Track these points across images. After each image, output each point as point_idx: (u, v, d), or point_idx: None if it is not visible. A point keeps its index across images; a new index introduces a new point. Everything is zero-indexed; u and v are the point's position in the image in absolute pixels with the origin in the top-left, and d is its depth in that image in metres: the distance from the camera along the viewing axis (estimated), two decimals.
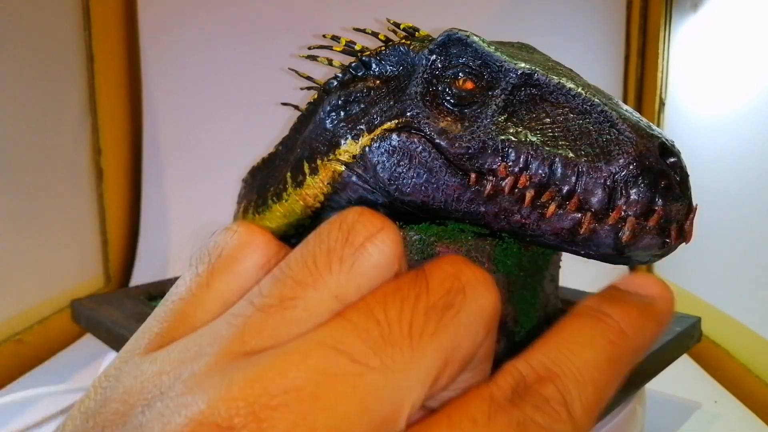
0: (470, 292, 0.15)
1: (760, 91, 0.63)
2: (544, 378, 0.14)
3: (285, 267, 0.15)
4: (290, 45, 0.82)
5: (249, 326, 0.14)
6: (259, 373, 0.12)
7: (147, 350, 0.15)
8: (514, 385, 0.14)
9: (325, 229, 0.15)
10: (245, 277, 0.16)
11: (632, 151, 0.31)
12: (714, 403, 0.58)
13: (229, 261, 0.16)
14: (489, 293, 0.15)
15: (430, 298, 0.14)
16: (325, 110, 0.44)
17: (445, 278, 0.15)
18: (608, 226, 0.32)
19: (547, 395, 0.14)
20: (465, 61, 0.37)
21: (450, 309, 0.14)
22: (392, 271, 0.15)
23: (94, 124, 0.86)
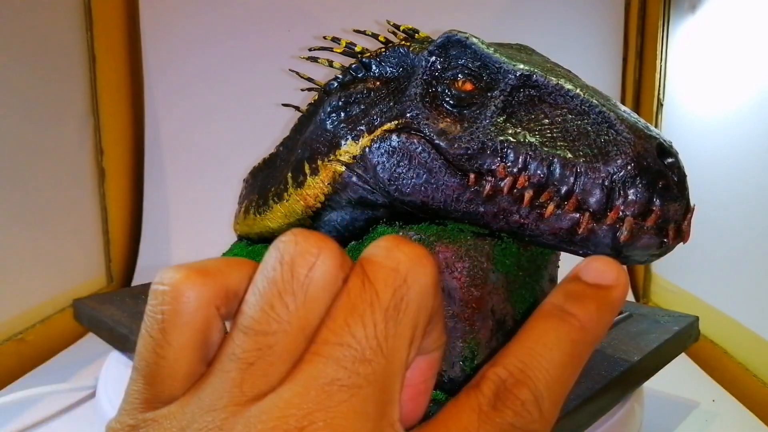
0: (412, 280, 0.16)
1: (758, 91, 0.64)
2: (520, 382, 0.16)
3: (248, 318, 0.16)
4: (291, 46, 0.83)
5: (243, 379, 0.16)
6: (277, 418, 0.15)
7: (148, 409, 0.17)
8: (495, 391, 0.16)
9: (269, 267, 0.16)
10: (197, 323, 0.17)
11: (630, 151, 0.32)
12: (712, 402, 0.58)
13: (174, 317, 0.17)
14: (426, 268, 0.17)
15: (382, 303, 0.16)
16: (325, 111, 0.44)
17: (387, 276, 0.16)
18: (606, 226, 0.32)
19: (523, 399, 0.16)
20: (464, 62, 0.37)
21: (401, 304, 0.16)
22: (339, 280, 0.17)
23: (96, 124, 0.87)
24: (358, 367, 0.15)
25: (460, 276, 0.38)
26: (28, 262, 0.73)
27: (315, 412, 0.15)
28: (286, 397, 0.15)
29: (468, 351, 0.39)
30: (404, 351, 0.16)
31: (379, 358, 0.16)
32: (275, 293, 0.16)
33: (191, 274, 0.17)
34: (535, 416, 0.16)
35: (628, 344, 0.45)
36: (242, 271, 0.18)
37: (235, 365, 0.16)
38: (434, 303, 0.17)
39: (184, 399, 0.16)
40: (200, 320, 0.17)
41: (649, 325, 0.50)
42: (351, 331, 0.16)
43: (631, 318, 0.51)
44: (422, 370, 0.19)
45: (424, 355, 0.19)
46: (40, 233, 0.75)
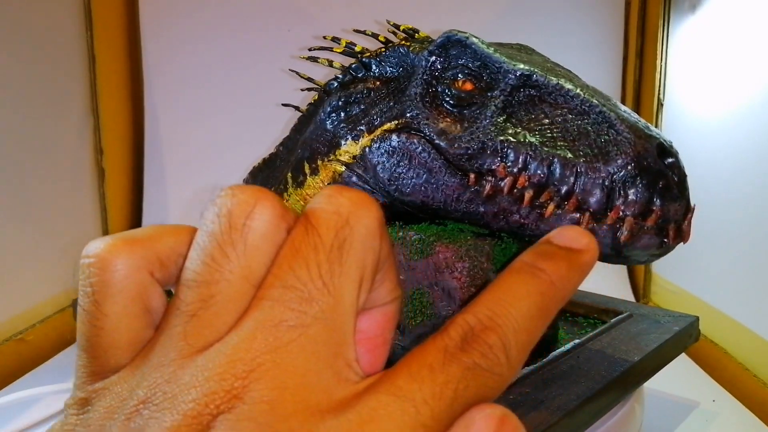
0: (354, 221, 0.17)
1: (758, 91, 0.64)
2: (488, 328, 0.16)
3: (190, 272, 0.16)
4: (291, 46, 0.83)
5: (189, 331, 0.16)
6: (224, 364, 0.15)
7: (96, 380, 0.17)
8: (463, 335, 0.16)
9: (208, 222, 0.17)
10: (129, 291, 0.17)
11: (630, 151, 0.32)
12: (712, 401, 0.58)
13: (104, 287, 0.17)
14: (369, 211, 0.17)
15: (325, 244, 0.16)
16: (325, 111, 0.44)
17: (330, 219, 0.16)
18: (606, 226, 0.32)
19: (490, 343, 0.16)
20: (464, 62, 0.37)
21: (344, 244, 0.16)
22: (282, 231, 0.17)
23: (96, 124, 0.87)
24: (304, 306, 0.15)
25: (460, 276, 0.38)
26: (28, 262, 0.73)
27: (263, 354, 0.15)
28: (232, 343, 0.15)
29: None
30: (352, 291, 0.16)
31: (325, 297, 0.16)
32: (215, 245, 0.16)
33: (116, 243, 0.17)
34: (501, 360, 0.16)
35: (628, 344, 0.45)
36: (178, 236, 0.18)
37: (180, 320, 0.16)
38: (381, 246, 0.17)
39: (133, 363, 0.16)
40: (132, 287, 0.17)
41: (649, 325, 0.50)
42: (295, 274, 0.16)
43: (631, 318, 0.51)
44: (379, 322, 0.19)
45: (380, 307, 0.19)
46: (40, 233, 0.75)
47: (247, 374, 0.14)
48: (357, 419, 0.14)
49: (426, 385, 0.15)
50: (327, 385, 0.15)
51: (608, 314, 0.53)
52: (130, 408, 0.15)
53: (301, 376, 0.15)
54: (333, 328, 0.16)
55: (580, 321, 0.54)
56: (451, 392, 0.15)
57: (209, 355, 0.15)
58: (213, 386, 0.14)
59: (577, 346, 0.45)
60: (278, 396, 0.14)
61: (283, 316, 0.15)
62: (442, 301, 0.38)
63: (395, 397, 0.15)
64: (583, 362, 0.42)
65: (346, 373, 0.16)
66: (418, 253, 0.39)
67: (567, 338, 0.48)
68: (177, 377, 0.15)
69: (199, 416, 0.14)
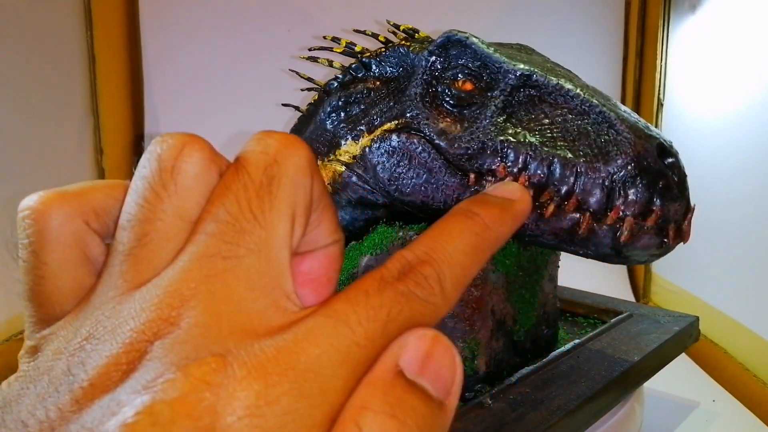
0: (282, 159, 0.17)
1: (758, 91, 0.64)
2: (424, 261, 0.17)
3: (125, 215, 0.17)
4: (291, 46, 0.83)
5: (126, 269, 0.16)
6: (160, 295, 0.15)
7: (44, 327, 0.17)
8: (400, 268, 0.17)
9: (140, 167, 0.17)
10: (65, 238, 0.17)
11: (630, 151, 0.32)
12: (712, 401, 0.58)
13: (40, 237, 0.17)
14: (296, 149, 0.18)
15: (255, 181, 0.17)
16: (325, 111, 0.44)
17: (258, 158, 0.17)
18: (606, 226, 0.32)
19: (425, 274, 0.17)
20: (464, 62, 0.37)
21: (273, 180, 0.17)
22: (213, 173, 0.17)
23: (96, 124, 0.87)
24: (237, 239, 0.16)
25: None
26: None
27: (198, 284, 0.15)
28: (168, 276, 0.15)
29: (468, 351, 0.39)
30: (285, 225, 0.17)
31: (257, 229, 0.16)
32: (147, 187, 0.17)
33: (49, 195, 0.18)
34: (436, 290, 0.17)
35: (628, 344, 0.45)
36: (112, 189, 0.18)
37: (117, 259, 0.17)
38: (313, 185, 0.18)
39: (78, 307, 0.17)
40: (68, 235, 0.17)
41: (649, 325, 0.50)
42: (226, 209, 0.16)
43: (631, 318, 0.51)
44: (322, 263, 0.19)
45: (322, 248, 0.19)
46: None
47: (183, 303, 0.15)
48: (292, 338, 0.15)
49: (360, 307, 0.15)
50: (263, 312, 0.16)
51: (608, 314, 0.53)
52: (75, 345, 0.15)
53: (236, 302, 0.15)
54: (267, 260, 0.16)
55: (580, 321, 0.54)
56: (385, 315, 0.16)
57: (146, 288, 0.16)
58: (149, 315, 0.15)
59: (577, 346, 0.45)
60: (213, 321, 0.15)
61: (216, 248, 0.16)
62: None
63: (330, 319, 0.15)
64: (583, 362, 0.42)
65: (284, 303, 0.16)
66: None
67: (567, 338, 0.48)
68: (116, 312, 0.15)
69: (137, 343, 0.14)
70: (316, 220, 0.19)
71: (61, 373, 0.15)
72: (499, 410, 0.36)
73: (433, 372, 0.16)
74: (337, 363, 0.15)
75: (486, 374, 0.40)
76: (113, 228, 0.18)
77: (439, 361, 0.16)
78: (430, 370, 0.16)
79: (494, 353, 0.41)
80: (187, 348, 0.14)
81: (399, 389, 0.15)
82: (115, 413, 0.13)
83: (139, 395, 0.13)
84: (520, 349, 0.43)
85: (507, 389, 0.38)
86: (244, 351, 0.14)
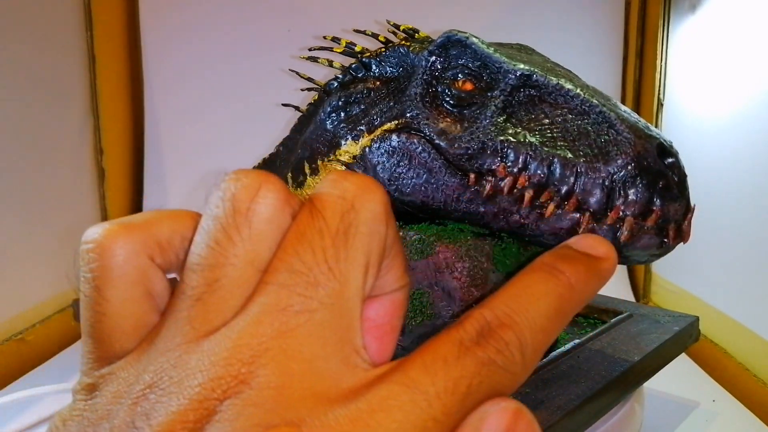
0: (359, 205, 0.16)
1: (758, 91, 0.64)
2: (505, 325, 0.16)
3: (195, 257, 0.16)
4: (291, 46, 0.83)
5: (195, 315, 0.16)
6: (230, 349, 0.15)
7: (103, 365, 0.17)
8: (479, 330, 0.16)
9: (212, 206, 0.16)
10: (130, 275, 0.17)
11: (630, 151, 0.32)
12: (712, 402, 0.58)
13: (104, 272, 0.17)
14: (374, 195, 0.17)
15: (330, 229, 0.16)
16: (325, 111, 0.44)
17: (335, 204, 0.16)
18: (606, 226, 0.32)
19: (507, 340, 0.16)
20: (464, 62, 0.37)
21: (350, 229, 0.16)
22: (287, 215, 0.16)
23: (96, 124, 0.87)
24: (310, 291, 0.15)
25: (460, 276, 0.38)
26: (28, 262, 0.73)
27: (269, 339, 0.15)
28: (238, 328, 0.15)
29: None
30: (359, 276, 0.16)
31: (331, 282, 0.15)
32: (219, 229, 0.16)
33: (115, 228, 0.17)
34: (517, 359, 0.16)
35: (628, 344, 0.45)
36: (178, 220, 0.18)
37: (185, 304, 0.16)
38: (387, 231, 0.17)
39: (140, 348, 0.16)
40: (133, 271, 0.17)
41: (649, 325, 0.50)
42: (300, 258, 0.15)
43: (631, 318, 0.51)
44: (387, 309, 0.19)
45: (388, 294, 0.19)
46: (40, 233, 0.75)
47: (254, 359, 0.14)
48: (367, 408, 0.14)
49: (440, 378, 0.15)
50: (335, 371, 0.15)
51: (608, 314, 0.53)
52: (137, 392, 0.15)
53: (308, 361, 0.15)
54: (340, 314, 0.16)
55: (580, 321, 0.54)
56: (465, 387, 0.15)
57: (215, 339, 0.15)
58: (219, 371, 0.14)
59: (577, 346, 0.45)
60: (285, 382, 0.14)
61: (288, 300, 0.15)
62: (442, 301, 0.38)
63: (407, 388, 0.14)
64: (583, 362, 0.42)
65: (354, 359, 0.16)
66: (418, 253, 0.39)
67: (567, 338, 0.48)
68: (183, 362, 0.15)
69: (206, 400, 0.14)
70: (386, 266, 0.18)
71: (124, 424, 0.14)
72: None
73: None
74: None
75: None
76: (176, 261, 0.17)
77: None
78: None
79: None
80: (259, 412, 0.14)
81: None
82: None
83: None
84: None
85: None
86: (318, 421, 0.14)
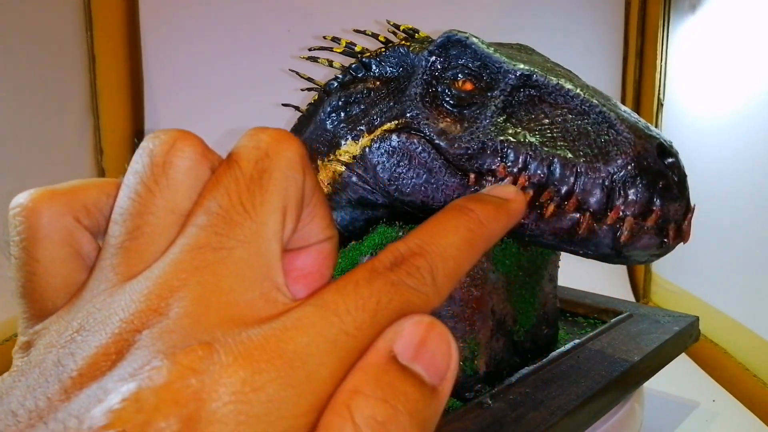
0: (273, 153, 0.17)
1: (758, 91, 0.64)
2: (417, 253, 0.17)
3: (117, 209, 0.17)
4: (291, 46, 0.83)
5: (118, 262, 0.16)
6: (149, 286, 0.15)
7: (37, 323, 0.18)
8: (392, 260, 0.17)
9: (133, 162, 0.17)
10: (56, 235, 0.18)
11: (630, 151, 0.31)
12: (712, 401, 0.58)
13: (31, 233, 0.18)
14: (289, 145, 0.18)
15: (245, 175, 0.17)
16: (325, 111, 0.44)
17: (250, 153, 0.17)
18: (606, 226, 0.32)
19: (417, 265, 0.17)
20: (464, 62, 0.37)
21: (264, 174, 0.17)
22: (205, 168, 0.17)
23: (96, 124, 0.87)
24: (227, 230, 0.16)
25: None
26: None
27: (188, 275, 0.15)
28: (158, 268, 0.16)
29: (468, 351, 0.39)
30: (275, 219, 0.17)
31: (248, 222, 0.16)
32: (138, 181, 0.17)
33: (40, 192, 0.18)
34: (427, 281, 0.17)
35: (628, 344, 0.45)
36: (104, 186, 0.19)
37: (110, 253, 0.17)
38: (305, 180, 0.18)
39: (69, 302, 0.17)
40: (59, 231, 0.18)
41: (649, 325, 0.50)
42: (217, 201, 0.16)
43: (631, 318, 0.51)
44: (315, 258, 0.19)
45: (315, 245, 0.19)
46: None
47: (172, 293, 0.15)
48: (281, 327, 0.15)
49: (350, 297, 0.15)
50: (253, 303, 0.15)
51: (608, 314, 0.53)
52: (66, 338, 0.15)
53: (226, 293, 0.15)
54: (258, 252, 0.16)
55: (580, 321, 0.54)
56: (374, 304, 0.15)
57: (137, 280, 0.16)
58: (139, 306, 0.15)
59: (577, 346, 0.45)
60: (202, 311, 0.15)
61: (207, 239, 0.16)
62: None
63: (319, 308, 0.15)
64: (583, 362, 0.42)
65: (275, 295, 0.16)
66: None
67: (567, 338, 0.48)
68: (107, 304, 0.16)
69: (125, 332, 0.15)
70: (308, 215, 0.19)
71: (52, 364, 0.15)
72: (499, 410, 0.36)
73: (428, 358, 0.16)
74: (325, 352, 0.14)
75: (486, 374, 0.40)
76: (105, 225, 0.18)
77: (435, 347, 0.16)
78: (425, 355, 0.16)
79: (494, 353, 0.41)
80: (175, 337, 0.14)
81: (392, 374, 0.15)
82: (102, 400, 0.13)
83: (125, 383, 0.13)
84: (520, 349, 0.43)
85: (507, 389, 0.38)
86: (232, 339, 0.14)
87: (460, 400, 0.39)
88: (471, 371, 0.39)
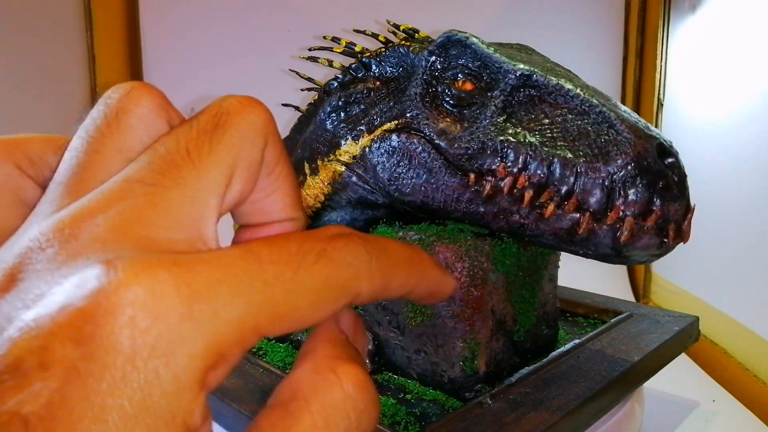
0: (234, 112, 0.17)
1: (758, 91, 0.64)
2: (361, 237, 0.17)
3: (68, 151, 0.17)
4: (291, 46, 0.83)
5: (55, 197, 0.16)
6: (74, 212, 0.15)
7: None
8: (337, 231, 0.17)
9: (92, 112, 0.18)
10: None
11: (630, 151, 0.31)
12: (712, 401, 0.58)
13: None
14: (254, 108, 0.18)
15: (200, 124, 0.17)
16: (325, 111, 0.44)
17: (212, 109, 0.17)
18: (606, 226, 0.32)
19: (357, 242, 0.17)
20: (464, 62, 0.37)
21: (218, 128, 0.17)
22: (162, 119, 0.17)
23: None
24: (165, 169, 0.16)
25: (460, 276, 0.38)
26: None
27: (110, 204, 0.15)
28: (87, 198, 0.15)
29: (468, 351, 0.39)
30: (220, 171, 0.16)
31: (188, 165, 0.16)
32: (91, 123, 0.17)
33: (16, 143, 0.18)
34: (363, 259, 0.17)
35: (628, 344, 0.45)
36: (51, 140, 0.19)
37: (51, 188, 0.17)
38: (267, 146, 0.18)
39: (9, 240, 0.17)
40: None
41: (649, 325, 0.50)
42: (164, 144, 0.16)
43: (631, 318, 0.51)
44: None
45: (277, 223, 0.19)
46: None
47: (91, 218, 0.15)
48: (196, 258, 0.14)
49: (275, 249, 0.15)
50: (173, 242, 0.15)
51: (608, 314, 0.53)
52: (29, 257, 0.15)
53: (146, 226, 0.15)
54: (192, 199, 0.16)
55: (580, 321, 0.54)
56: (299, 261, 0.15)
57: (62, 211, 0.15)
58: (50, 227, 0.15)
59: (577, 346, 0.45)
60: (115, 237, 0.14)
61: (141, 174, 0.16)
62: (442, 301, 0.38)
63: (243, 251, 0.15)
64: (583, 362, 0.42)
65: (199, 245, 0.15)
66: None
67: (567, 338, 0.48)
68: (41, 230, 0.15)
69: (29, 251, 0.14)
70: (268, 186, 0.18)
71: None
72: (499, 410, 0.36)
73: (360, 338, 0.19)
74: (237, 293, 0.14)
75: (486, 374, 0.40)
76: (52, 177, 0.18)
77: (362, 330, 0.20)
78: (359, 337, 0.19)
79: (494, 353, 0.41)
80: (79, 258, 0.14)
81: (351, 347, 0.17)
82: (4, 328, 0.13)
83: (26, 309, 0.13)
84: (520, 349, 0.43)
85: (507, 389, 0.38)
86: (138, 256, 0.14)
87: (460, 400, 0.39)
88: (471, 371, 0.39)
